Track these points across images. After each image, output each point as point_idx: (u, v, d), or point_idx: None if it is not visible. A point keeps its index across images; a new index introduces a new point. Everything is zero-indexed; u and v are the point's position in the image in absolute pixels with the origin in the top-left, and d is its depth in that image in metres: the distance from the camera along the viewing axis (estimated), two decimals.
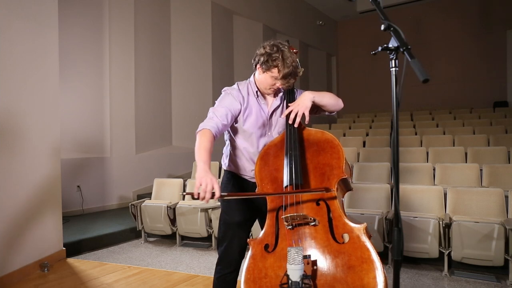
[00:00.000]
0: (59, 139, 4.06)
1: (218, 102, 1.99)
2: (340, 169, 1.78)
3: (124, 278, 3.50)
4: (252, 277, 1.68)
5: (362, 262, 1.54)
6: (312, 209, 1.74)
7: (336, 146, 1.84)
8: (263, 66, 1.89)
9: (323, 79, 12.28)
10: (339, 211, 1.70)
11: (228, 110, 1.92)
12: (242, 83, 2.06)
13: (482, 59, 10.39)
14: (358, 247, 1.58)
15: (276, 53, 1.86)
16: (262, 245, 1.75)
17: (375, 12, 1.52)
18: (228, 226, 2.04)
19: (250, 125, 1.98)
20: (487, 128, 6.77)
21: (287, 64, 1.84)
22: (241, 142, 2.03)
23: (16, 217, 3.48)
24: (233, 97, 1.97)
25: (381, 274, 1.49)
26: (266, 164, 1.91)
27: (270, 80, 1.91)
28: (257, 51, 1.95)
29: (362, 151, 6.01)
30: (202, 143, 1.78)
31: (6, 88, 3.39)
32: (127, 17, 6.58)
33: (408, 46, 1.30)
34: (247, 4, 8.81)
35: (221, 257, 2.04)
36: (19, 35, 3.56)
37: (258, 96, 2.00)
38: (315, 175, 1.82)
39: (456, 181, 4.43)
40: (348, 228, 1.64)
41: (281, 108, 2.04)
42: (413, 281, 3.36)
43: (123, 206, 6.20)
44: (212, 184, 1.58)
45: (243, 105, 1.97)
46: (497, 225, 3.18)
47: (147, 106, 6.96)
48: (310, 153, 1.87)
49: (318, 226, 1.69)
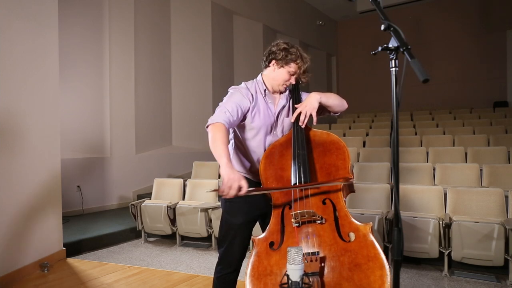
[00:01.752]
0: (59, 139, 4.06)
1: (226, 98, 1.96)
2: (346, 170, 1.81)
3: (124, 278, 3.50)
4: (256, 274, 1.69)
5: (369, 260, 1.55)
6: (319, 207, 1.75)
7: (342, 147, 1.87)
8: (281, 61, 1.93)
9: (323, 79, 12.28)
10: (345, 210, 1.72)
11: (238, 106, 1.90)
12: (249, 82, 2.06)
13: (482, 59, 10.39)
14: (364, 245, 1.59)
15: (294, 49, 1.94)
16: (267, 243, 1.75)
17: (375, 12, 1.52)
18: (230, 226, 2.03)
19: (257, 123, 1.98)
20: (487, 128, 6.77)
21: (305, 59, 1.94)
22: (247, 140, 2.03)
23: (16, 217, 3.48)
24: (242, 94, 1.96)
25: (387, 272, 1.50)
26: (271, 163, 1.91)
27: (286, 76, 1.95)
28: (270, 49, 1.99)
29: (362, 151, 6.01)
30: (218, 137, 1.73)
31: (6, 88, 3.40)
32: (127, 17, 6.58)
33: (408, 46, 1.30)
34: (247, 4, 8.81)
35: (222, 257, 2.04)
36: (19, 35, 3.56)
37: (266, 95, 2.02)
38: (321, 175, 1.84)
39: (456, 181, 4.43)
40: (354, 227, 1.66)
41: (287, 107, 2.06)
42: (413, 281, 3.36)
43: (123, 206, 6.20)
44: (239, 182, 1.60)
45: (252, 102, 1.97)
46: (497, 225, 3.18)
47: (147, 106, 6.96)
48: (316, 154, 1.89)
49: (324, 224, 1.70)
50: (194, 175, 6.01)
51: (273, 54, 1.96)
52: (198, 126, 6.96)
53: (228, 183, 1.59)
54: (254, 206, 2.01)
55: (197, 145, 7.48)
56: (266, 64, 2.01)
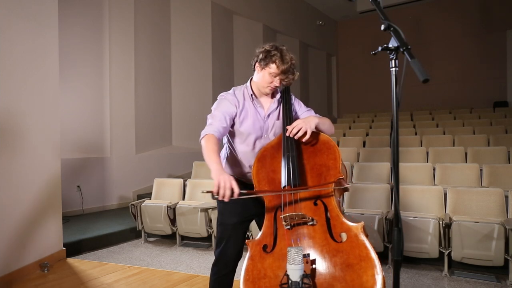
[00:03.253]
0: (59, 139, 4.06)
1: (214, 108, 2.03)
2: (337, 170, 1.81)
3: (124, 278, 3.50)
4: (251, 278, 1.69)
5: (361, 260, 1.55)
6: (310, 209, 1.76)
7: (332, 147, 1.87)
8: (262, 63, 1.94)
9: (323, 79, 12.28)
10: (337, 210, 1.72)
11: (225, 113, 1.97)
12: (238, 88, 2.10)
13: (482, 59, 10.39)
14: (356, 245, 1.59)
15: (275, 50, 1.92)
16: (261, 246, 1.75)
17: (375, 12, 1.52)
18: (225, 227, 2.05)
19: (246, 128, 2.02)
20: (487, 128, 6.76)
21: (285, 60, 1.90)
22: (239, 144, 2.07)
23: (16, 217, 3.48)
24: (228, 101, 2.01)
25: (379, 272, 1.50)
26: (263, 166, 1.93)
27: (269, 78, 1.94)
28: (255, 51, 2.00)
29: (362, 151, 6.01)
30: (209, 146, 1.81)
31: (6, 88, 3.39)
32: (127, 17, 6.57)
33: (408, 46, 1.30)
34: (247, 4, 8.81)
35: (218, 259, 2.05)
36: (19, 35, 3.56)
37: (254, 99, 2.04)
38: (312, 176, 1.84)
39: (456, 181, 4.43)
40: (346, 227, 1.65)
41: (278, 111, 2.07)
42: (413, 281, 3.36)
43: (123, 206, 6.20)
44: (230, 182, 1.62)
45: (239, 108, 2.01)
46: (497, 225, 3.18)
47: (147, 106, 6.96)
48: (306, 154, 1.90)
49: (316, 226, 1.70)
50: (194, 175, 6.01)
51: (256, 57, 1.98)
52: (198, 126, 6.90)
53: (219, 183, 1.62)
54: (248, 207, 2.02)
55: (197, 145, 7.38)
56: (253, 68, 2.04)
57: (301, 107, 2.15)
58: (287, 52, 1.93)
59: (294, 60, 1.95)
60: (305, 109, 2.15)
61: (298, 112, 2.13)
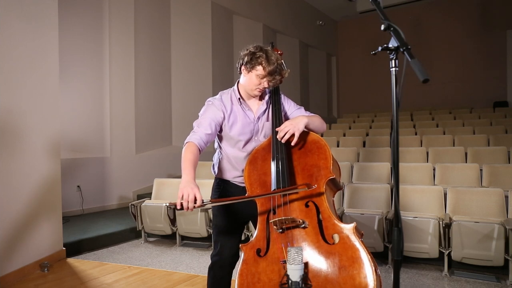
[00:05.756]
0: (59, 139, 4.06)
1: (200, 114, 2.01)
2: (328, 170, 1.79)
3: (124, 278, 3.50)
4: (245, 283, 1.69)
5: (353, 262, 1.54)
6: (301, 211, 1.74)
7: (322, 146, 1.85)
8: (248, 66, 1.90)
9: (323, 79, 12.28)
10: (329, 211, 1.70)
11: (211, 120, 1.94)
12: (226, 92, 2.07)
13: (482, 59, 10.39)
14: (348, 247, 1.58)
15: (260, 52, 1.88)
16: (254, 250, 1.74)
17: (375, 12, 1.52)
18: (220, 229, 2.06)
19: (236, 132, 1.99)
20: (487, 128, 6.76)
21: (271, 61, 1.87)
22: (229, 148, 2.04)
23: (16, 217, 3.48)
24: (215, 106, 1.98)
25: (372, 273, 1.50)
26: (255, 168, 1.91)
27: (256, 80, 1.91)
28: (240, 53, 1.96)
29: (362, 151, 6.01)
30: (185, 155, 1.81)
31: (6, 88, 3.40)
32: (127, 17, 6.57)
33: (408, 46, 1.30)
34: (247, 4, 8.81)
35: (214, 262, 2.06)
36: (19, 35, 3.56)
37: (242, 103, 2.01)
38: (303, 177, 1.82)
39: (456, 181, 4.43)
40: (338, 229, 1.64)
41: (267, 112, 2.05)
42: (413, 281, 3.36)
43: (123, 206, 6.19)
44: (193, 193, 1.61)
45: (226, 112, 1.98)
46: (497, 225, 3.18)
47: (147, 106, 6.96)
48: (297, 155, 1.88)
49: (308, 228, 1.69)
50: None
51: (241, 60, 1.94)
52: None
53: (182, 195, 1.61)
54: (242, 209, 2.01)
55: None
56: (239, 71, 2.00)
57: (290, 106, 2.11)
58: (273, 52, 1.91)
59: (280, 60, 1.92)
60: (295, 107, 2.11)
61: (288, 111, 2.10)
